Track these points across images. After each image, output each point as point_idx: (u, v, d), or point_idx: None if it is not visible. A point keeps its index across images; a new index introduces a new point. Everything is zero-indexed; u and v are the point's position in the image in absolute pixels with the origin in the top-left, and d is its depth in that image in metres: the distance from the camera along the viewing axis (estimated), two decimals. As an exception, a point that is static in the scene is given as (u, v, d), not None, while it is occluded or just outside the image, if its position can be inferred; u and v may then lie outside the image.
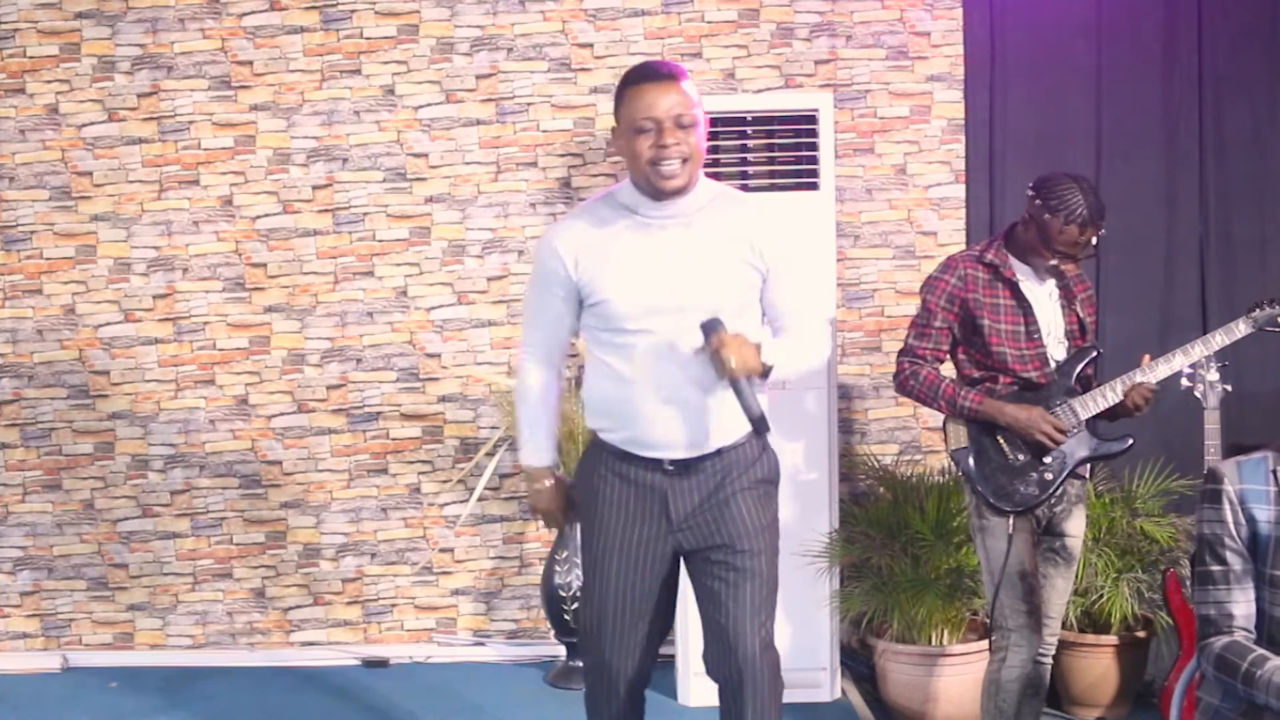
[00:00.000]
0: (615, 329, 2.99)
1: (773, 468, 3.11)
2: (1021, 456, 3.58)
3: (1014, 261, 3.62)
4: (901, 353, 3.70)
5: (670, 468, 3.01)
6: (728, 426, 2.99)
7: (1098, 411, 3.60)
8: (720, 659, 3.03)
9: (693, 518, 3.02)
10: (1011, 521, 3.55)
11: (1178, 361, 3.59)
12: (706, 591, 3.05)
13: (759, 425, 2.88)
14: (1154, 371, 3.58)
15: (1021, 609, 3.56)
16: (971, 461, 3.60)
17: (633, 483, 3.03)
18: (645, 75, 2.94)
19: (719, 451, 3.01)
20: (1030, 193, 3.58)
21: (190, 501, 5.10)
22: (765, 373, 2.91)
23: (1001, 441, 3.59)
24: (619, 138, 2.97)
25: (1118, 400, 3.58)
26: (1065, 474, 3.59)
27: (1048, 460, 3.58)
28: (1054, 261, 3.57)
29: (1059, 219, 3.49)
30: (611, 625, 3.08)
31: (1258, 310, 3.62)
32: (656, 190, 2.93)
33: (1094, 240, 3.53)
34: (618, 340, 2.98)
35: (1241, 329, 3.59)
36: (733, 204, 3.05)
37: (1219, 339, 3.60)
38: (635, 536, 3.04)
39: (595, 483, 3.09)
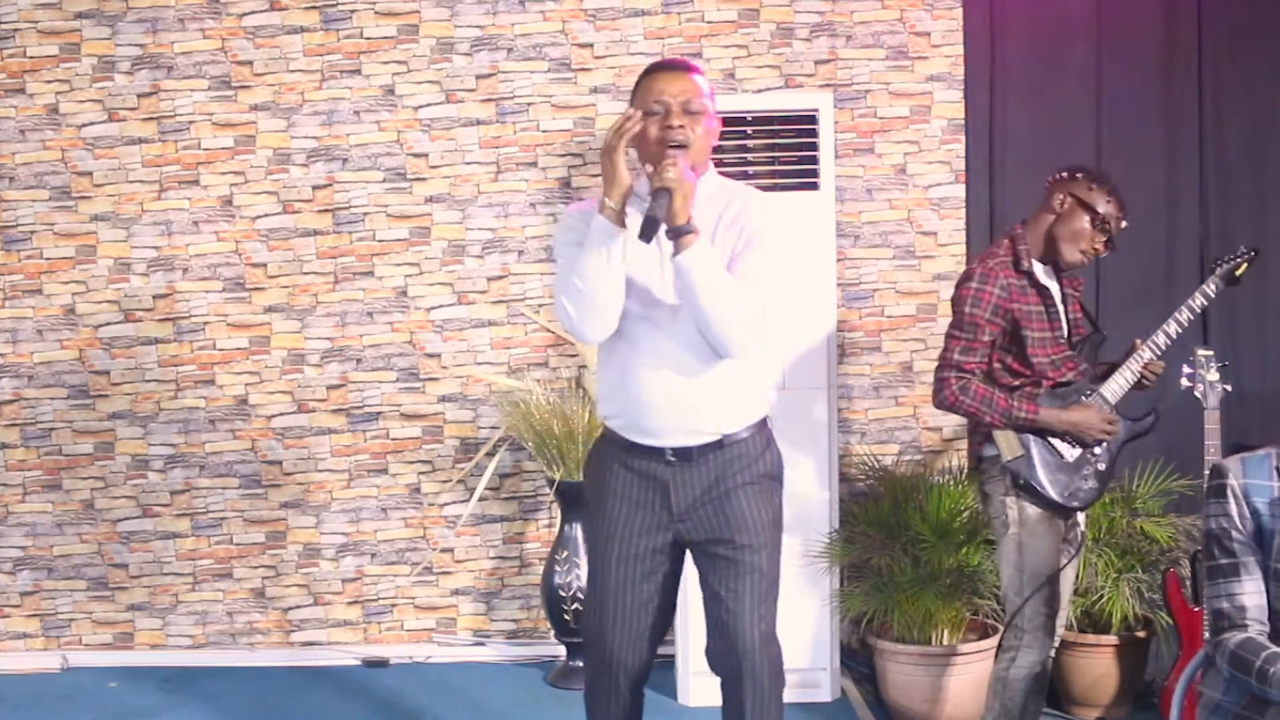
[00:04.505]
0: (620, 315, 3.02)
1: (776, 463, 3.15)
2: (1075, 451, 3.61)
3: (1036, 265, 3.65)
4: (945, 367, 3.59)
5: (672, 458, 3.04)
6: (728, 415, 3.05)
7: (1124, 393, 3.67)
8: (721, 652, 3.07)
9: (694, 510, 3.06)
10: (1050, 523, 3.58)
11: (1173, 329, 3.70)
12: (708, 585, 3.09)
13: (649, 224, 2.86)
14: (1156, 345, 3.68)
15: (1043, 612, 3.58)
16: (1033, 467, 3.59)
17: (636, 472, 3.08)
18: (660, 65, 3.12)
19: (720, 443, 3.05)
20: (1064, 175, 3.64)
21: (190, 501, 5.10)
22: (682, 230, 2.87)
23: (1053, 441, 3.60)
24: None
25: (1137, 379, 3.68)
26: (1114, 460, 3.67)
27: (1098, 450, 3.63)
28: (1088, 246, 3.59)
29: (1104, 190, 3.58)
30: (613, 613, 3.11)
31: (1218, 266, 3.77)
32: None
33: (1121, 228, 3.63)
34: (622, 326, 3.02)
35: (1213, 287, 3.74)
36: (737, 196, 3.10)
37: (1199, 300, 3.73)
38: (636, 525, 3.08)
39: (602, 472, 3.15)
